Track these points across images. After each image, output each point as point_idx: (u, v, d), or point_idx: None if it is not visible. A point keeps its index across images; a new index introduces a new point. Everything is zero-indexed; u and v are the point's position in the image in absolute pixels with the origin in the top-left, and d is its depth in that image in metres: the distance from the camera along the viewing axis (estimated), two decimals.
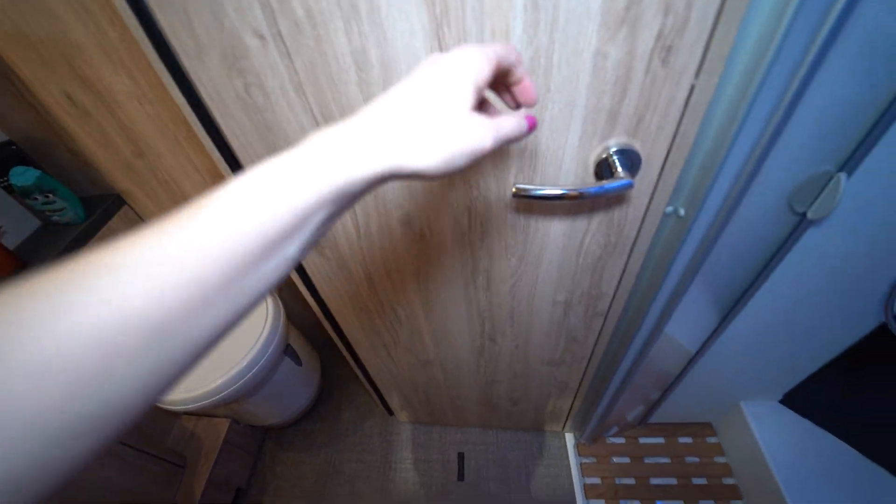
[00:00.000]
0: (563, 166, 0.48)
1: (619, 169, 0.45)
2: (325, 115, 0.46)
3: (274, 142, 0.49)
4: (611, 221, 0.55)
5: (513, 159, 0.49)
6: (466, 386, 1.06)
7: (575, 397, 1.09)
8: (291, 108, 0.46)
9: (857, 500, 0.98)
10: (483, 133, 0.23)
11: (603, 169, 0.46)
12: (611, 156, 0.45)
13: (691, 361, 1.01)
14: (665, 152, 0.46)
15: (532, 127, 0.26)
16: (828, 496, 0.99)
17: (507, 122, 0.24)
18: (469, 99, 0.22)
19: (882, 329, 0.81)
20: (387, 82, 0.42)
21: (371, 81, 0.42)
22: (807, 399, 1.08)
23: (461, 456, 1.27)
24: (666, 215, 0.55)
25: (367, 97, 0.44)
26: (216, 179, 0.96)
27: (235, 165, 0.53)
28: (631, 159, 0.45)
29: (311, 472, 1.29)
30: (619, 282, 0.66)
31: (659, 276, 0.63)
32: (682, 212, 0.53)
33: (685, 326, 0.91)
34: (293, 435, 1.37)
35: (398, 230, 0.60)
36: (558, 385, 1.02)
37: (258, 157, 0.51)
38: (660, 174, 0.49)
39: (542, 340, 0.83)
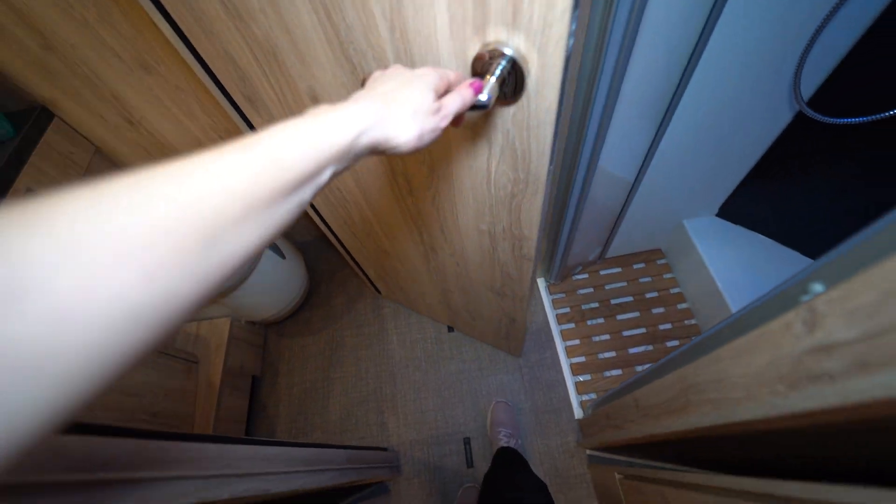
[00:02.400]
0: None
1: None
2: None
3: None
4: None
5: (389, 48, 0.45)
6: (426, 286, 1.12)
7: None
8: None
9: (776, 280, 1.18)
10: (440, 115, 0.31)
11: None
12: None
13: (632, 190, 1.11)
14: None
15: (476, 90, 0.35)
16: (753, 281, 1.18)
17: (451, 100, 0.32)
18: (430, 93, 0.31)
19: (798, 121, 0.91)
20: None
21: None
22: (738, 208, 1.23)
23: None
24: None
25: None
26: (144, 68, 0.90)
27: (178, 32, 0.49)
28: None
29: (317, 351, 1.42)
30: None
31: (595, 73, 0.68)
32: None
33: (620, 158, 0.99)
34: (292, 325, 1.48)
35: None
36: (507, 317, 1.03)
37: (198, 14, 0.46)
38: None
39: (478, 260, 0.82)
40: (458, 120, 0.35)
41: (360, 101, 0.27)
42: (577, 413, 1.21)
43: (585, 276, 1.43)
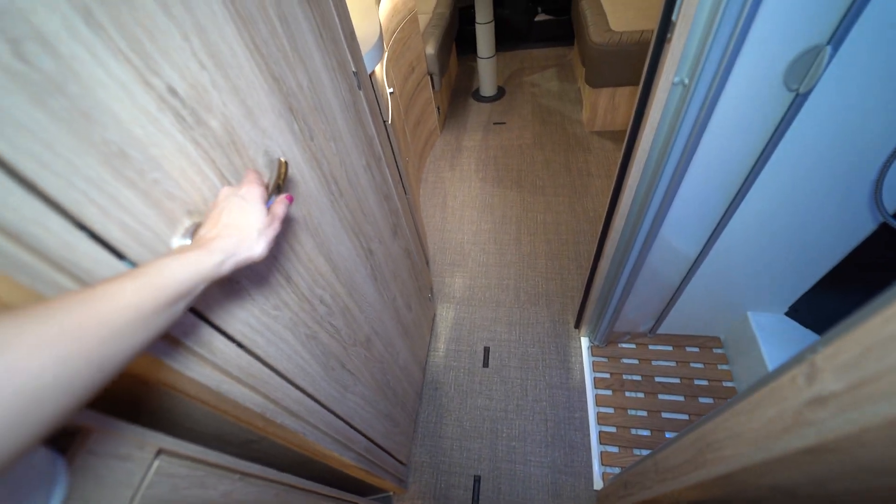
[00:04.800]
0: None
1: None
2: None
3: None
4: None
5: None
6: None
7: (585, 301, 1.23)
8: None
9: None
10: (274, 224, 0.40)
11: None
12: None
13: (693, 267, 1.11)
14: None
15: (290, 200, 0.45)
16: None
17: (278, 208, 0.42)
18: (264, 210, 0.39)
19: (883, 232, 0.89)
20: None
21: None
22: (811, 311, 1.17)
23: (487, 349, 1.46)
24: (674, 85, 0.66)
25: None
26: None
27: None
28: None
29: None
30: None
31: (665, 150, 0.75)
32: (686, 80, 0.65)
33: (684, 231, 1.01)
34: None
35: None
36: None
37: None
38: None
39: None
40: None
41: (220, 240, 0.35)
42: (598, 484, 1.16)
43: (633, 346, 1.40)
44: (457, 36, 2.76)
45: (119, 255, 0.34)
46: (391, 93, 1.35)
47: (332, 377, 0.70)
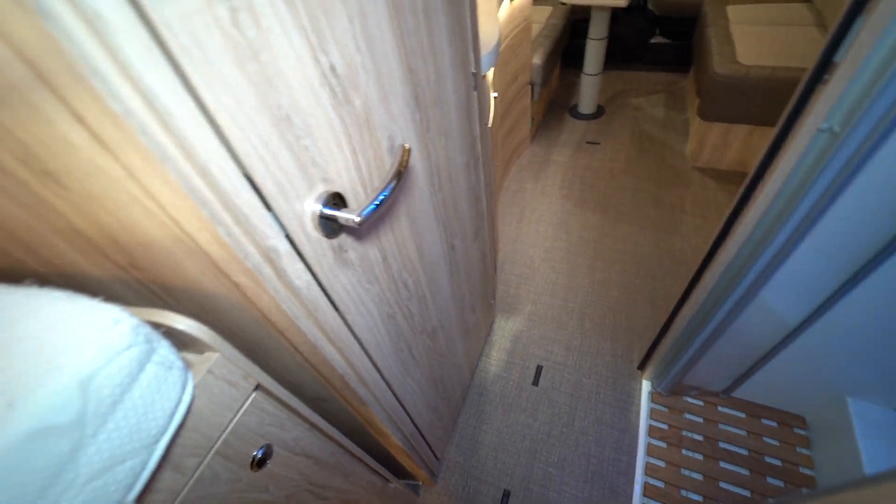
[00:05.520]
0: None
1: None
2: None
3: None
4: None
5: None
6: None
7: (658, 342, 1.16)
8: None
9: None
10: None
11: None
12: None
13: (790, 336, 0.99)
14: None
15: None
16: None
17: None
18: None
19: None
20: None
21: None
22: None
23: (539, 368, 1.43)
24: (820, 131, 0.60)
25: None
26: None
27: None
28: None
29: None
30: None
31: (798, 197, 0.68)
32: (836, 129, 0.58)
33: (787, 297, 0.91)
34: None
35: None
36: None
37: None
38: None
39: None
40: None
41: None
42: None
43: (700, 403, 1.29)
44: (564, 49, 2.71)
45: (268, 207, 0.38)
46: (495, 97, 1.37)
47: (399, 358, 0.73)
